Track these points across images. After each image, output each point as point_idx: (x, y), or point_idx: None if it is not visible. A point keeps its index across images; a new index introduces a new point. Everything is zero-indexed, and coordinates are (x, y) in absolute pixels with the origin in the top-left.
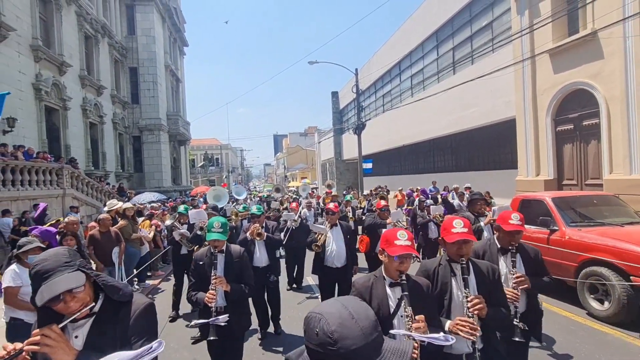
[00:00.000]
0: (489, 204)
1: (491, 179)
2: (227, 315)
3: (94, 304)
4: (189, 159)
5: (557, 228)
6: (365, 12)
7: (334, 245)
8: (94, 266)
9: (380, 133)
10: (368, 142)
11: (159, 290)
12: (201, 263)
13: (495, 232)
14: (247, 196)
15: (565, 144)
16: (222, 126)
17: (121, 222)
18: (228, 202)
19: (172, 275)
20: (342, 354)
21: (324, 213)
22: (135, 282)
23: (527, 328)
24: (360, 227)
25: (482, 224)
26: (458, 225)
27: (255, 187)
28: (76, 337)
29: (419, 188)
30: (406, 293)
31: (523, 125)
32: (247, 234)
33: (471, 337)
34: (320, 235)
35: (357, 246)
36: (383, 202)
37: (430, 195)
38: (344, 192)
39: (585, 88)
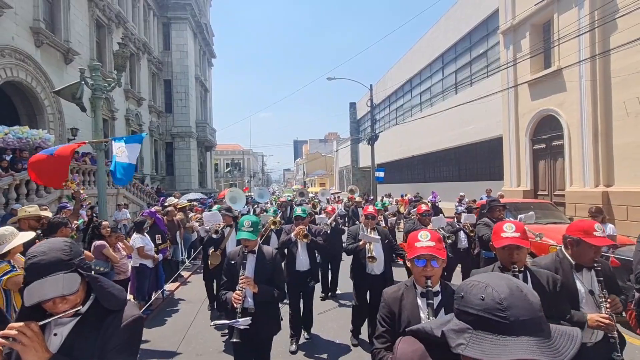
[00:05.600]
0: (506, 208)
1: (484, 189)
2: (249, 318)
3: (81, 306)
4: (213, 163)
5: None
6: (384, 26)
7: (374, 252)
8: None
9: (393, 143)
10: (382, 152)
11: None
12: (233, 262)
13: (569, 247)
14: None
15: (540, 160)
16: (245, 132)
17: (179, 215)
18: (246, 205)
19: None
20: (512, 322)
21: (360, 217)
22: (187, 261)
23: None
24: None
25: None
26: (509, 229)
27: (275, 192)
28: (55, 334)
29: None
30: (431, 301)
31: (508, 143)
32: (292, 234)
33: None
34: (369, 245)
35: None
36: (424, 207)
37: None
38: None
39: (554, 114)
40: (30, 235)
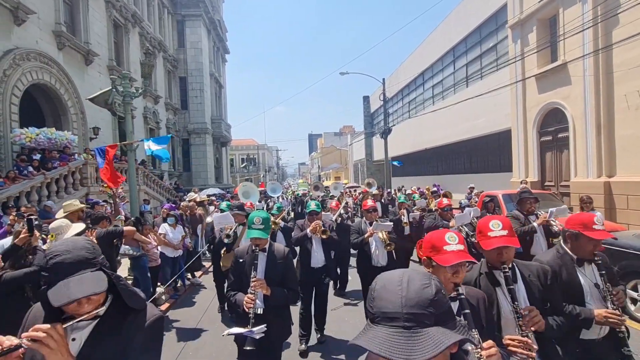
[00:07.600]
0: (538, 201)
1: (495, 180)
2: (264, 326)
3: (102, 307)
4: (228, 158)
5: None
6: (393, 22)
7: (377, 243)
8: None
9: (407, 137)
10: (396, 145)
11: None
12: (242, 261)
13: (568, 241)
14: (282, 194)
15: (546, 152)
16: (259, 126)
17: (199, 210)
18: (260, 201)
19: (213, 275)
20: (374, 314)
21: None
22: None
23: None
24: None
25: (535, 224)
26: (496, 227)
27: (290, 186)
28: (73, 339)
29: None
30: (467, 311)
31: (516, 135)
32: (308, 230)
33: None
34: (384, 233)
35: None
36: (446, 201)
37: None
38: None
39: (559, 107)
40: (81, 226)
